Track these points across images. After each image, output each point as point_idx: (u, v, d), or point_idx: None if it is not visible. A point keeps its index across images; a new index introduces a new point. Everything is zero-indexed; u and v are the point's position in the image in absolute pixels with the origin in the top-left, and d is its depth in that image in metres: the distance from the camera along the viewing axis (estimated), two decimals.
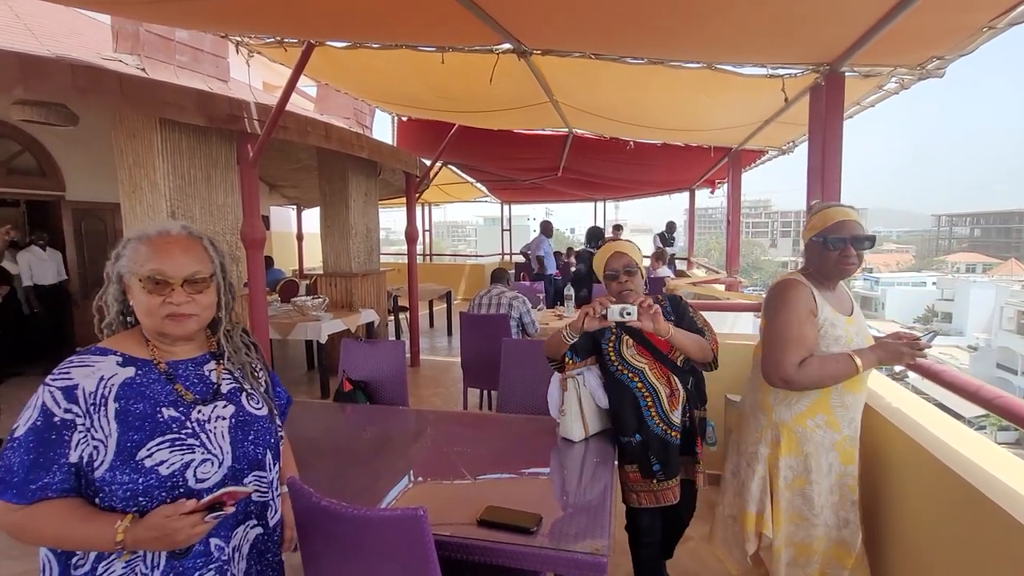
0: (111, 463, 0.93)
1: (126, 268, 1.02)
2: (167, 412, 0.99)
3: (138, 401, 0.98)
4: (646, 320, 1.65)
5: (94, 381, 0.95)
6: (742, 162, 5.93)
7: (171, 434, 0.98)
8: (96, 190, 5.75)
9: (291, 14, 2.59)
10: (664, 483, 1.83)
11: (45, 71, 2.65)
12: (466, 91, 3.98)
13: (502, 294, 4.03)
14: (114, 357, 1.00)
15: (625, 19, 2.31)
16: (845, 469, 1.61)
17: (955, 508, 1.39)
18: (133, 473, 0.93)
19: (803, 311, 1.56)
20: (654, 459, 1.81)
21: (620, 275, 1.83)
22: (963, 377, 1.49)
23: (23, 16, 4.08)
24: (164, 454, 0.96)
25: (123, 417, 0.95)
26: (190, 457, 0.98)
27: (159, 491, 0.95)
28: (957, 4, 1.88)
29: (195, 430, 1.01)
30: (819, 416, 1.59)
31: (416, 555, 1.17)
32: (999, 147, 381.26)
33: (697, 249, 11.60)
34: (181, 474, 0.97)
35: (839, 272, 1.59)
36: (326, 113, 6.45)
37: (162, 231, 1.05)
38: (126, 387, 0.98)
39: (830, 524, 1.61)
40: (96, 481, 0.93)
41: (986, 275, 46.90)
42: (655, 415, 1.81)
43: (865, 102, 3.07)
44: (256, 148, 3.44)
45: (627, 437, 1.85)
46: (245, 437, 1.08)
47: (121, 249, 1.03)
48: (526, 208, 19.23)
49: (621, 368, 1.85)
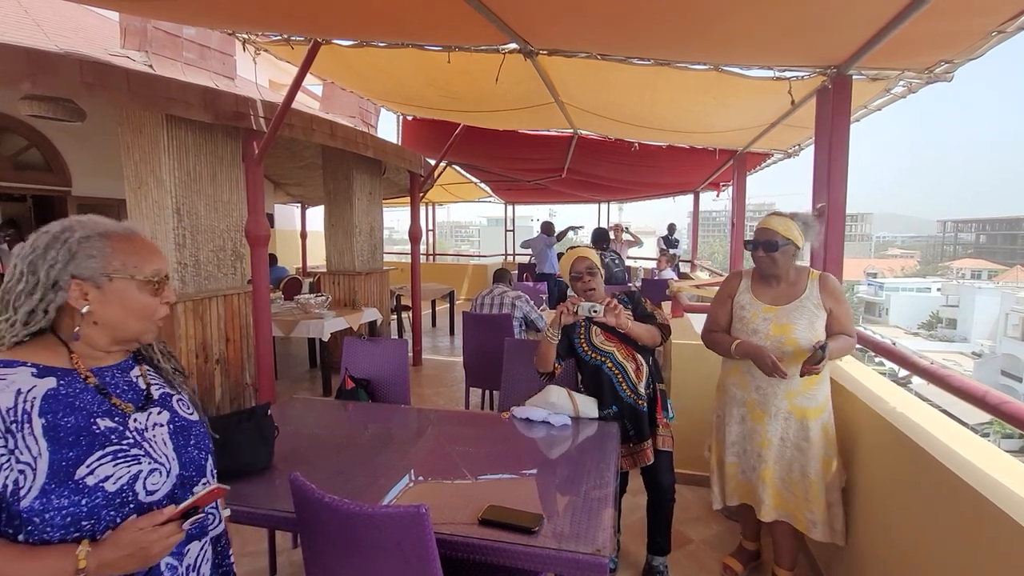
0: (42, 487, 0.81)
1: (94, 268, 0.91)
2: (102, 423, 0.90)
3: (67, 414, 0.87)
4: (610, 316, 1.98)
5: (10, 396, 0.83)
6: (747, 165, 5.91)
7: (111, 446, 0.88)
8: (102, 186, 5.78)
9: (298, 12, 2.60)
10: (639, 445, 2.17)
11: (53, 66, 2.66)
12: (471, 91, 3.98)
13: (504, 294, 4.03)
14: (26, 368, 0.87)
15: (632, 20, 2.31)
16: (754, 426, 2.07)
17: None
18: (73, 495, 0.82)
19: (723, 294, 2.19)
20: (628, 425, 2.15)
21: (584, 275, 2.19)
22: (969, 382, 1.48)
23: (32, 11, 4.11)
24: (108, 468, 0.87)
25: (53, 433, 0.84)
26: (137, 469, 0.90)
27: (107, 510, 0.85)
28: (966, 8, 1.86)
29: (136, 439, 0.92)
30: (733, 378, 2.15)
31: (417, 553, 1.17)
32: (1009, 150, 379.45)
33: (700, 252, 11.57)
34: (130, 488, 0.88)
35: (758, 268, 2.07)
36: (332, 112, 6.46)
37: (129, 230, 0.98)
38: (50, 400, 0.86)
39: (741, 458, 2.15)
40: (22, 512, 0.80)
41: (992, 281, 46.62)
42: (626, 388, 2.15)
43: (872, 105, 3.05)
44: (262, 145, 3.45)
45: (604, 410, 2.17)
46: (187, 442, 1.01)
47: (64, 248, 0.90)
48: (530, 209, 19.21)
49: (593, 354, 2.18)
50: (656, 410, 2.21)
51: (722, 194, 8.73)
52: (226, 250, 3.61)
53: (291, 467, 1.71)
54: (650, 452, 2.16)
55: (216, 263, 3.54)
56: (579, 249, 2.29)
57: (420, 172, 6.02)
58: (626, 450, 2.17)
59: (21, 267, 0.90)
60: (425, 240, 11.90)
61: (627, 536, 2.59)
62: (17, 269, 0.90)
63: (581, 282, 2.19)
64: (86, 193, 5.74)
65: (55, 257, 0.90)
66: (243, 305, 3.69)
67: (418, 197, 6.16)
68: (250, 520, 1.50)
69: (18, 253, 0.91)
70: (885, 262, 65.41)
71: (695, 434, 3.07)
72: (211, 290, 3.46)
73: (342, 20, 2.72)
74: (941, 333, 41.13)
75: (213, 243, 3.51)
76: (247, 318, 3.71)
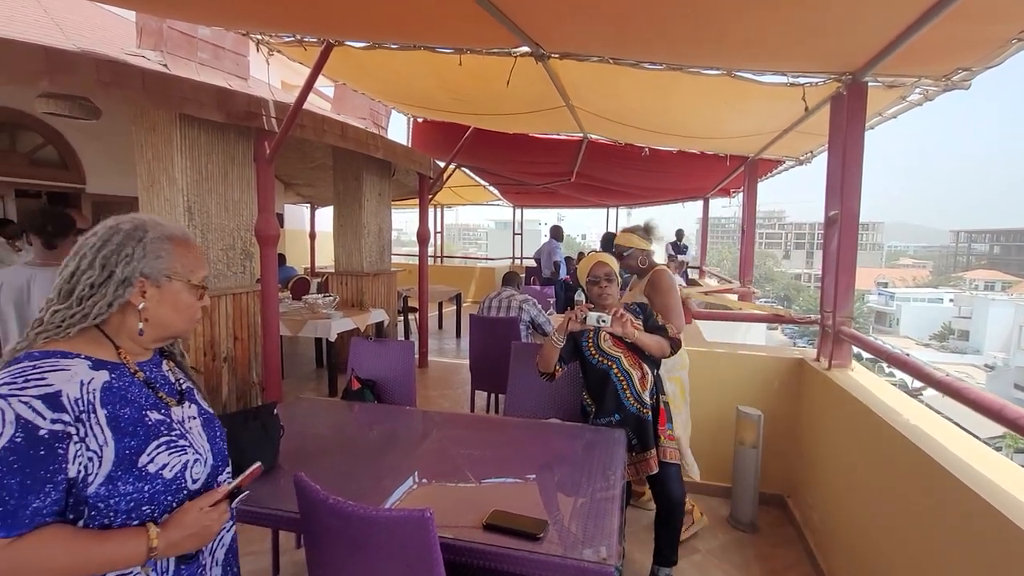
0: (108, 474, 0.86)
1: (158, 270, 0.96)
2: (152, 415, 0.95)
3: (123, 406, 0.91)
4: (616, 326, 1.99)
5: (76, 386, 0.86)
6: (758, 171, 5.87)
7: (164, 436, 0.94)
8: (115, 183, 5.84)
9: (312, 13, 2.62)
10: (642, 455, 2.13)
11: (70, 65, 2.69)
12: (482, 94, 3.99)
13: (512, 297, 4.01)
14: (82, 360, 0.90)
15: (644, 24, 2.29)
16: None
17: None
18: (137, 481, 0.88)
19: None
20: (631, 434, 2.12)
21: (601, 281, 2.17)
22: (986, 395, 1.44)
23: (51, 11, 4.17)
24: (164, 457, 0.92)
25: (115, 423, 0.88)
26: (186, 458, 0.96)
27: (164, 496, 0.92)
28: (985, 16, 1.84)
29: (181, 431, 0.98)
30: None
31: (421, 556, 1.16)
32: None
33: (709, 258, 11.51)
34: (182, 475, 0.95)
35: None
36: (343, 113, 6.49)
37: (186, 235, 1.02)
38: (107, 392, 0.90)
39: None
40: (89, 498, 0.84)
41: (1005, 293, 45.97)
42: (630, 396, 2.12)
43: (887, 113, 3.02)
44: (273, 145, 3.46)
45: (607, 418, 2.14)
46: (214, 434, 1.07)
47: (135, 248, 0.94)
48: (538, 213, 19.23)
49: (601, 358, 2.15)
50: (659, 422, 2.18)
51: (732, 200, 8.68)
52: (236, 249, 3.63)
53: (296, 467, 1.71)
54: (654, 462, 2.14)
55: (226, 262, 3.55)
56: (599, 254, 2.27)
57: (429, 174, 6.03)
58: (629, 459, 2.13)
59: (91, 259, 0.92)
60: (433, 242, 11.94)
61: (632, 544, 2.57)
62: (86, 261, 0.92)
63: (598, 287, 2.17)
64: (100, 191, 5.81)
65: (130, 254, 0.94)
66: (252, 304, 3.70)
67: (427, 199, 6.17)
68: (254, 519, 1.50)
69: (86, 244, 0.94)
70: (897, 272, 64.75)
71: (703, 443, 3.04)
72: (220, 288, 3.47)
73: (355, 22, 2.73)
74: (953, 345, 40.59)
75: (223, 242, 3.53)
76: (255, 317, 3.73)
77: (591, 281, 2.19)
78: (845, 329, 2.57)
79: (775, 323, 5.43)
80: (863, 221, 2.85)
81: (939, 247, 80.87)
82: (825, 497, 2.46)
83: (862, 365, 2.65)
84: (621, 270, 2.36)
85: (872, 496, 1.97)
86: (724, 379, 3.05)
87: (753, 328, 7.16)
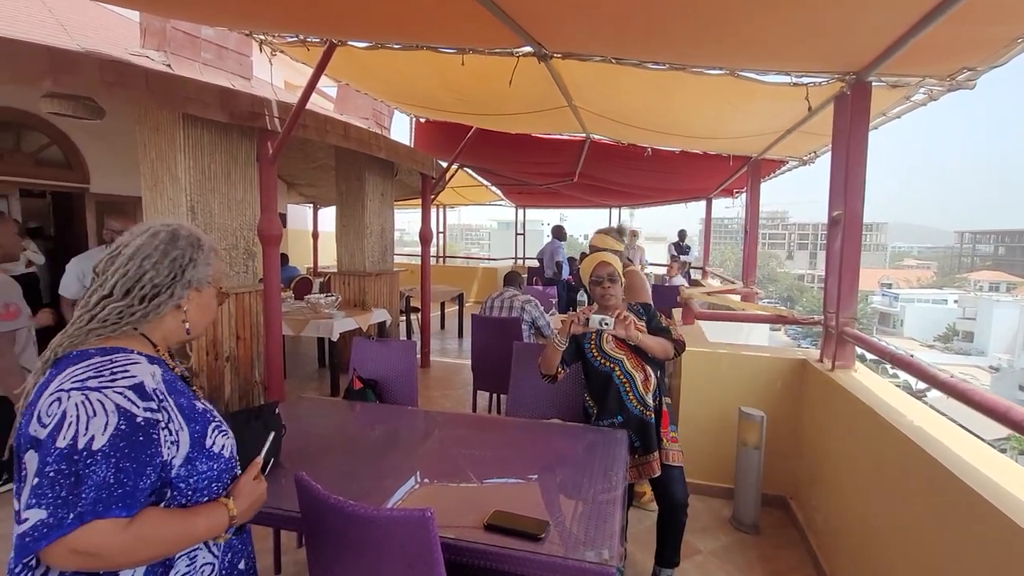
0: (186, 456, 0.95)
1: (204, 276, 1.06)
2: (198, 404, 1.03)
3: (179, 396, 0.99)
4: (619, 328, 1.97)
5: (150, 378, 0.94)
6: (761, 172, 5.85)
7: (214, 422, 1.03)
8: (119, 183, 5.86)
9: (314, 13, 2.62)
10: (645, 457, 2.12)
11: (74, 65, 2.70)
12: (485, 94, 3.98)
13: (514, 297, 4.01)
14: (141, 356, 0.97)
15: (647, 23, 2.29)
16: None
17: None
18: (209, 461, 0.98)
19: None
20: (634, 436, 2.10)
21: (604, 281, 2.15)
22: (992, 397, 1.43)
23: (56, 11, 4.19)
24: (221, 440, 1.03)
25: (182, 411, 0.97)
26: (231, 440, 1.07)
27: (226, 474, 1.03)
28: (990, 16, 1.83)
29: (219, 419, 1.07)
30: None
31: (422, 556, 1.16)
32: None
33: (712, 259, 11.48)
34: (232, 455, 1.06)
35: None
36: (346, 113, 6.51)
37: (216, 246, 1.12)
38: (166, 383, 0.97)
39: None
40: (173, 480, 0.93)
41: (1010, 294, 45.73)
42: (633, 398, 2.11)
43: (891, 113, 3.00)
44: (276, 145, 3.47)
45: (609, 419, 2.13)
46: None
47: (197, 255, 1.05)
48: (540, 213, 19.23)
49: (603, 361, 2.14)
50: (662, 424, 2.17)
51: (735, 200, 8.65)
52: (239, 248, 3.63)
53: (297, 466, 1.71)
54: (656, 465, 2.12)
55: (228, 261, 3.56)
56: (603, 254, 2.25)
57: (432, 174, 6.04)
58: (631, 461, 2.12)
59: (156, 260, 1.00)
60: (435, 242, 11.94)
61: (634, 545, 2.56)
62: (150, 262, 0.99)
63: (601, 287, 2.15)
64: (104, 190, 5.83)
65: (195, 260, 1.04)
66: (254, 303, 3.71)
67: (429, 199, 6.17)
68: (255, 518, 1.49)
69: (147, 246, 1.00)
70: (901, 273, 64.51)
71: (705, 444, 3.04)
72: None
73: (357, 22, 2.74)
74: (957, 346, 40.43)
75: (226, 241, 3.54)
76: (258, 316, 3.74)
77: (594, 281, 2.17)
78: (848, 330, 2.55)
79: (778, 324, 5.41)
80: (867, 222, 2.84)
81: (943, 248, 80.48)
82: (828, 499, 2.45)
83: (865, 366, 2.64)
84: None
85: (875, 498, 1.96)
86: (726, 380, 3.04)
87: (756, 329, 7.15)
